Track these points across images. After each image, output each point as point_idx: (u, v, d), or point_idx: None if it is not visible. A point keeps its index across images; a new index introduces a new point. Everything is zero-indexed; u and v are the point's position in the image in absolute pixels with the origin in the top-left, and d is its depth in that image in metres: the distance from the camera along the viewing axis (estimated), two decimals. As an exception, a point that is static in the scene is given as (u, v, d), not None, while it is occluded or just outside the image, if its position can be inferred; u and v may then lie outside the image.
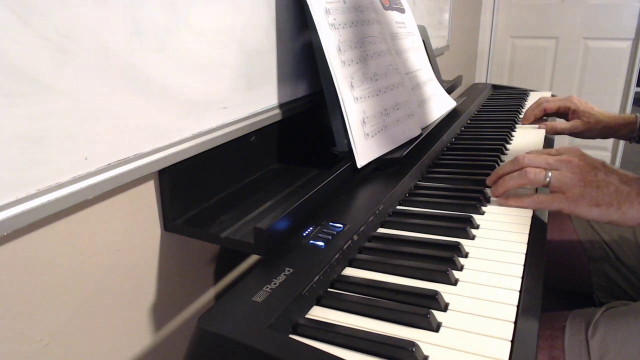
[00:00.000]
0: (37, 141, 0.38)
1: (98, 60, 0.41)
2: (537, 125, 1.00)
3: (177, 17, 0.48)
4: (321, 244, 0.47)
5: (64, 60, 0.39)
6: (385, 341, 0.36)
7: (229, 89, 0.57)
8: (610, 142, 2.51)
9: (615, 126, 0.94)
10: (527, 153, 0.63)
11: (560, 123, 0.99)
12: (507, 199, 0.61)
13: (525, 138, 0.93)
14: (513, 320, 0.39)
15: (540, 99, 1.04)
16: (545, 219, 0.59)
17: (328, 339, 0.37)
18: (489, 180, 0.65)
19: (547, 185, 0.58)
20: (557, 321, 0.60)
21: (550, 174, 0.58)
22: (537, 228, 0.55)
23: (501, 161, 0.78)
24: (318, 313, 0.41)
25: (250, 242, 0.48)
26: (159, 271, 0.55)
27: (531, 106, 1.04)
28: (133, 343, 0.54)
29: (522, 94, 1.30)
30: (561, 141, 2.39)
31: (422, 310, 0.39)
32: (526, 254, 0.49)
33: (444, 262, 0.47)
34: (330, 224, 0.51)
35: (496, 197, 0.62)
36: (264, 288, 0.40)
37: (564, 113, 1.01)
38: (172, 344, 0.59)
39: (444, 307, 0.41)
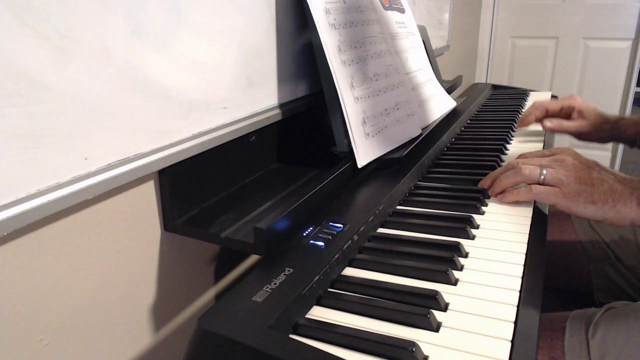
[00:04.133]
0: (37, 141, 0.38)
1: (98, 60, 0.41)
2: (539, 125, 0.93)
3: (177, 17, 0.48)
4: (321, 244, 0.47)
5: (64, 60, 0.39)
6: (386, 341, 0.36)
7: (229, 89, 0.57)
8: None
9: (621, 126, 0.88)
10: (519, 156, 0.63)
11: (566, 120, 0.92)
12: (505, 195, 0.61)
13: (525, 138, 0.93)
14: (513, 320, 0.39)
15: (535, 102, 0.96)
16: (546, 219, 0.59)
17: (328, 339, 0.37)
18: (482, 183, 0.65)
19: (542, 183, 0.58)
20: (557, 321, 0.60)
21: (545, 171, 0.58)
22: (538, 228, 0.55)
23: (501, 161, 0.78)
24: (318, 313, 0.41)
25: (250, 242, 0.48)
26: (159, 271, 0.55)
27: (528, 109, 0.95)
28: (133, 343, 0.54)
29: (522, 94, 1.30)
30: (561, 142, 2.39)
31: (422, 310, 0.39)
32: (526, 254, 0.49)
33: (444, 262, 0.47)
34: (330, 224, 0.51)
35: (494, 196, 0.63)
36: (264, 288, 0.40)
37: (567, 113, 0.93)
38: (172, 344, 0.59)
39: (444, 307, 0.41)
